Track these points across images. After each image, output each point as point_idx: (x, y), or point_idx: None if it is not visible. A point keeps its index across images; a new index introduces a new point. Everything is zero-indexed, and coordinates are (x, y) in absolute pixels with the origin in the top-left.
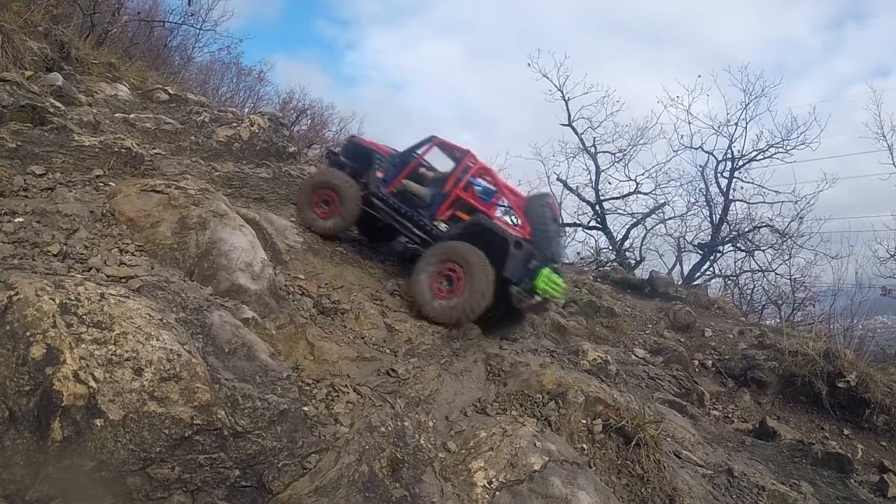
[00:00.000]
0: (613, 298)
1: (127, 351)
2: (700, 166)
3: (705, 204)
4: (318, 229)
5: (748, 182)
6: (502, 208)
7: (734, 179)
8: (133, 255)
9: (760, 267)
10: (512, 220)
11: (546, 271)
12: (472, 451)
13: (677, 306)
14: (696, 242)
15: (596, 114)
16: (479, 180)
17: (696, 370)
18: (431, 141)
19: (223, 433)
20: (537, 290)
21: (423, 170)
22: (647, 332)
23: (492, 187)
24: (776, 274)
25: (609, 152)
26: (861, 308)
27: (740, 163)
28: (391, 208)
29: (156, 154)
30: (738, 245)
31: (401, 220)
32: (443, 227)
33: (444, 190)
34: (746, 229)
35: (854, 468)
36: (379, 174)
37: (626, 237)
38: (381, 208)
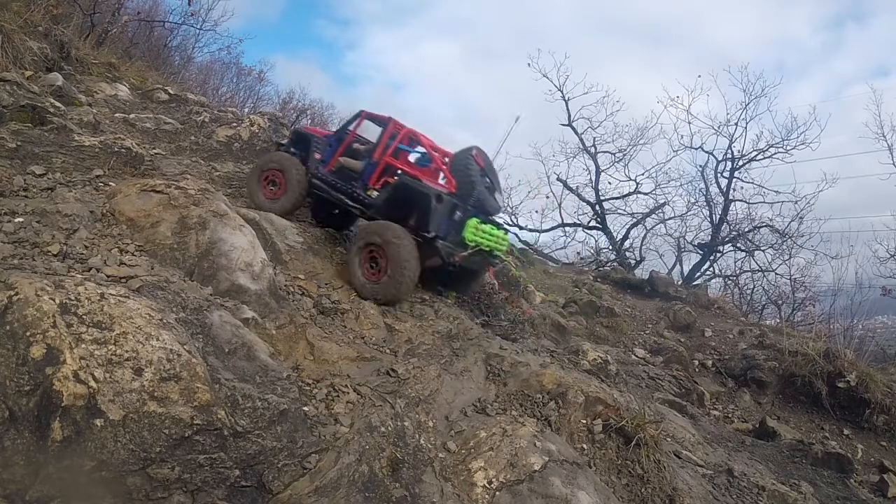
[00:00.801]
0: (613, 298)
1: (127, 351)
2: (700, 166)
3: (705, 204)
4: (268, 210)
5: (748, 182)
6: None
7: (734, 179)
8: (133, 255)
9: (760, 267)
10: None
11: (474, 222)
12: (472, 451)
13: (677, 306)
14: (696, 242)
15: (596, 114)
16: (419, 148)
17: (696, 370)
18: (360, 115)
19: (223, 433)
20: (466, 241)
21: (356, 145)
22: (647, 332)
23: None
24: (776, 274)
25: (609, 152)
26: (861, 308)
27: (740, 163)
28: (328, 185)
29: (156, 154)
30: (738, 245)
31: (337, 195)
32: (375, 194)
33: (373, 159)
34: (746, 229)
35: (854, 468)
36: (317, 156)
37: (626, 237)
38: (321, 187)
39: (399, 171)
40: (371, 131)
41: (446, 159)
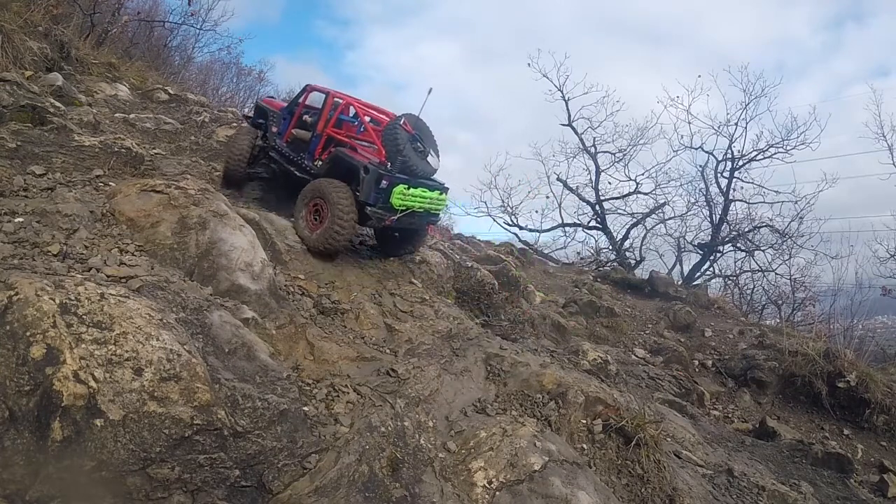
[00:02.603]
0: (613, 298)
1: (127, 351)
2: (700, 166)
3: (705, 204)
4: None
5: (748, 182)
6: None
7: (734, 179)
8: (133, 255)
9: (760, 267)
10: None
11: (400, 188)
12: (472, 451)
13: (677, 306)
14: (696, 242)
15: (596, 114)
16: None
17: (696, 370)
18: (307, 89)
19: (223, 433)
20: (395, 206)
21: (306, 117)
22: (647, 332)
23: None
24: (776, 274)
25: (609, 152)
26: (861, 308)
27: (740, 163)
28: (282, 157)
29: (156, 154)
30: (738, 245)
31: (289, 166)
32: (320, 164)
33: (317, 131)
34: (746, 229)
35: (854, 468)
36: (274, 128)
37: (626, 237)
38: (276, 158)
39: (339, 144)
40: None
41: (376, 127)
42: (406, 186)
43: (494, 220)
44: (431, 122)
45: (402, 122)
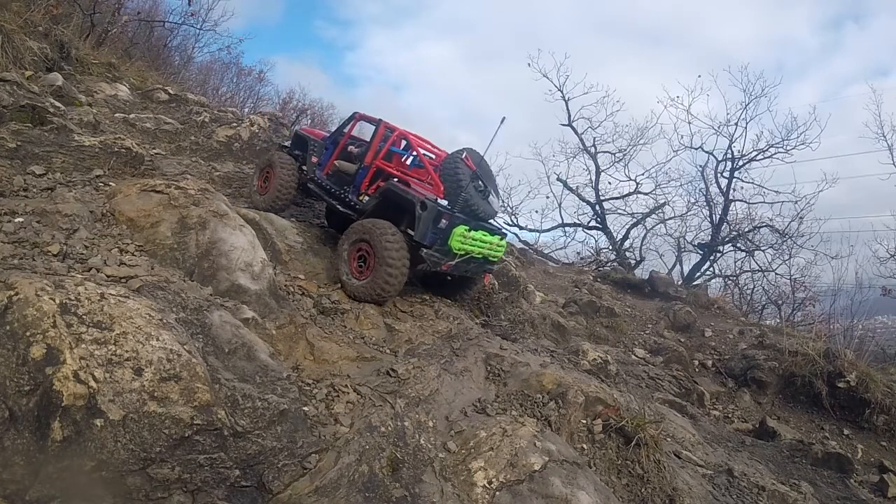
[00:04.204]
0: (613, 298)
1: (127, 351)
2: (700, 166)
3: (705, 204)
4: (255, 203)
5: (748, 182)
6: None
7: (734, 179)
8: (133, 255)
9: (760, 267)
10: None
11: (460, 229)
12: (472, 451)
13: (677, 306)
14: (696, 242)
15: (596, 114)
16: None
17: (696, 370)
18: (354, 117)
19: (223, 433)
20: (453, 250)
21: (350, 147)
22: (647, 332)
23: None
24: (776, 274)
25: (609, 152)
26: (861, 308)
27: (740, 163)
28: (322, 190)
29: (156, 154)
30: (738, 245)
31: (330, 200)
32: (367, 199)
33: (365, 163)
34: (746, 229)
35: (854, 468)
36: (314, 159)
37: (626, 237)
38: (315, 191)
39: (388, 177)
40: (368, 133)
41: (433, 160)
42: (467, 228)
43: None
44: (431, 123)
45: (463, 155)
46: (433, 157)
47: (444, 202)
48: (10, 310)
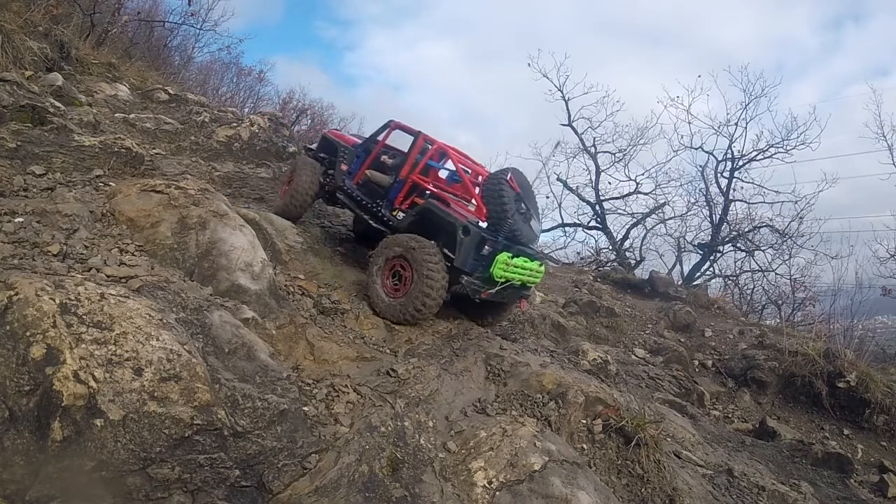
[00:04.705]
0: (613, 298)
1: (127, 351)
2: (700, 166)
3: (705, 204)
4: (273, 209)
5: (748, 182)
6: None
7: (734, 179)
8: (133, 255)
9: (760, 267)
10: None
11: (504, 256)
12: (472, 451)
13: (677, 306)
14: (696, 242)
15: (596, 114)
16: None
17: (696, 370)
18: (390, 126)
19: (223, 433)
20: (495, 277)
21: (384, 157)
22: (647, 332)
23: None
24: (776, 274)
25: (609, 152)
26: (861, 308)
27: (740, 163)
28: (352, 200)
29: (156, 154)
30: (738, 245)
31: (361, 212)
32: (401, 216)
33: (400, 177)
34: (746, 229)
35: (854, 468)
36: (343, 167)
37: (626, 237)
38: (344, 201)
39: (427, 193)
40: (401, 142)
41: (480, 180)
42: (510, 255)
43: None
44: (431, 123)
45: (508, 176)
46: (469, 172)
47: (486, 226)
48: (10, 310)
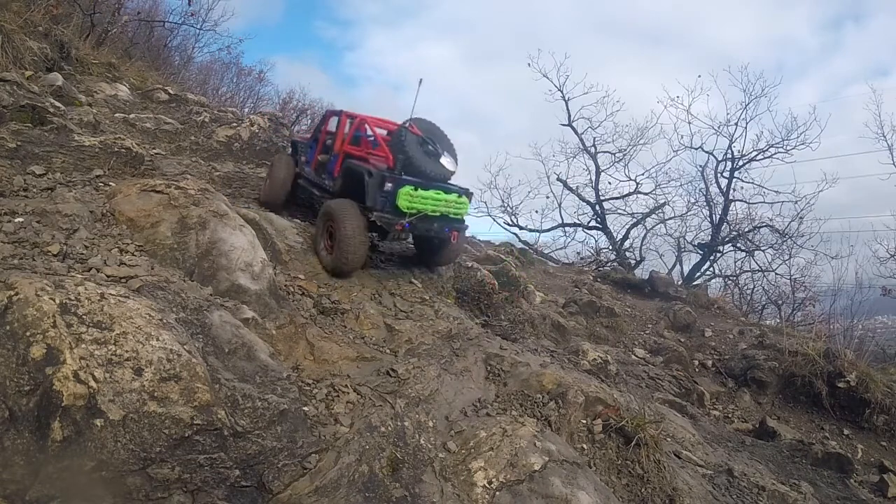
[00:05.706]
0: (613, 298)
1: (127, 351)
2: (700, 166)
3: (705, 204)
4: (258, 199)
5: (748, 182)
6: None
7: (734, 179)
8: (133, 255)
9: (760, 267)
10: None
11: (406, 189)
12: (472, 451)
13: (677, 306)
14: (696, 242)
15: (596, 114)
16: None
17: (696, 370)
18: (326, 115)
19: (223, 433)
20: (402, 209)
21: (328, 141)
22: (647, 332)
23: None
24: (776, 274)
25: (609, 152)
26: (861, 308)
27: (740, 163)
28: (309, 182)
29: (156, 154)
30: (738, 245)
31: (314, 189)
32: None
33: (335, 151)
34: (746, 229)
35: (854, 468)
36: (303, 158)
37: (626, 237)
38: (305, 185)
39: (350, 157)
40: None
41: (385, 134)
42: (414, 188)
43: (494, 220)
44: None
45: (408, 124)
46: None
47: (392, 169)
48: (10, 310)
